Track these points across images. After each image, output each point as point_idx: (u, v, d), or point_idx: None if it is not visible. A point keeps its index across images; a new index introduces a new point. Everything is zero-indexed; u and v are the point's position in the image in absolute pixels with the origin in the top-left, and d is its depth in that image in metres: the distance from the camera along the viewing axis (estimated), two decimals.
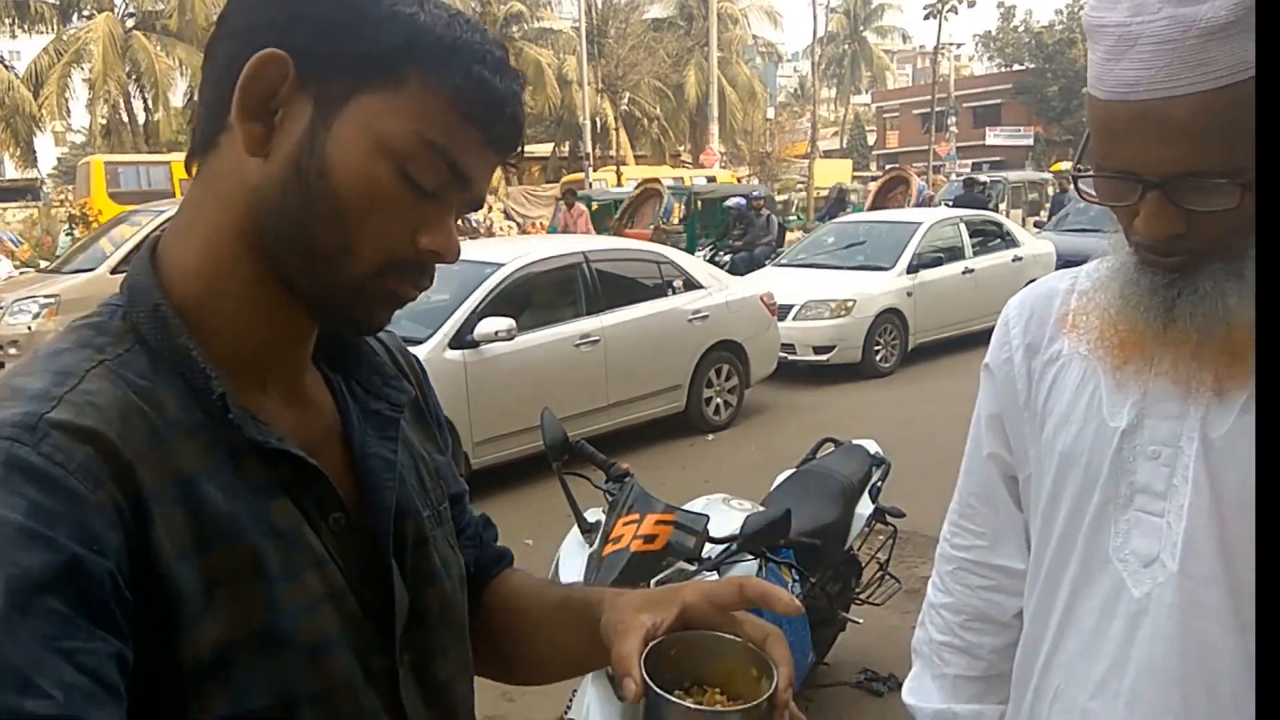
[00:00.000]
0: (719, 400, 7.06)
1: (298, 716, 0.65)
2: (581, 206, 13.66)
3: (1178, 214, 0.84)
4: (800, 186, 30.98)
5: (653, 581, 2.57)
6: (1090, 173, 0.89)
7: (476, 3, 32.93)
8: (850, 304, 8.54)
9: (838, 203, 17.29)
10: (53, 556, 0.54)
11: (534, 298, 6.09)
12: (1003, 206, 16.96)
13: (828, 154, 42.53)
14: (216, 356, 0.67)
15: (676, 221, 15.17)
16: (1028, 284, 1.21)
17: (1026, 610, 1.09)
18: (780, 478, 3.40)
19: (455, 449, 0.90)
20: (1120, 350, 0.95)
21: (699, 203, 14.83)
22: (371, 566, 0.72)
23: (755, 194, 14.32)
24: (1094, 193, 0.90)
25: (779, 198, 32.33)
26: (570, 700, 2.58)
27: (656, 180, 15.95)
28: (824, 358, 8.43)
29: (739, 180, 29.40)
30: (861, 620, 3.38)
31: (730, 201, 13.68)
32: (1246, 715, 0.88)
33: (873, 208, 15.83)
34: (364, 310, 0.70)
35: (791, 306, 8.48)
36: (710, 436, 6.86)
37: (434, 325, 5.47)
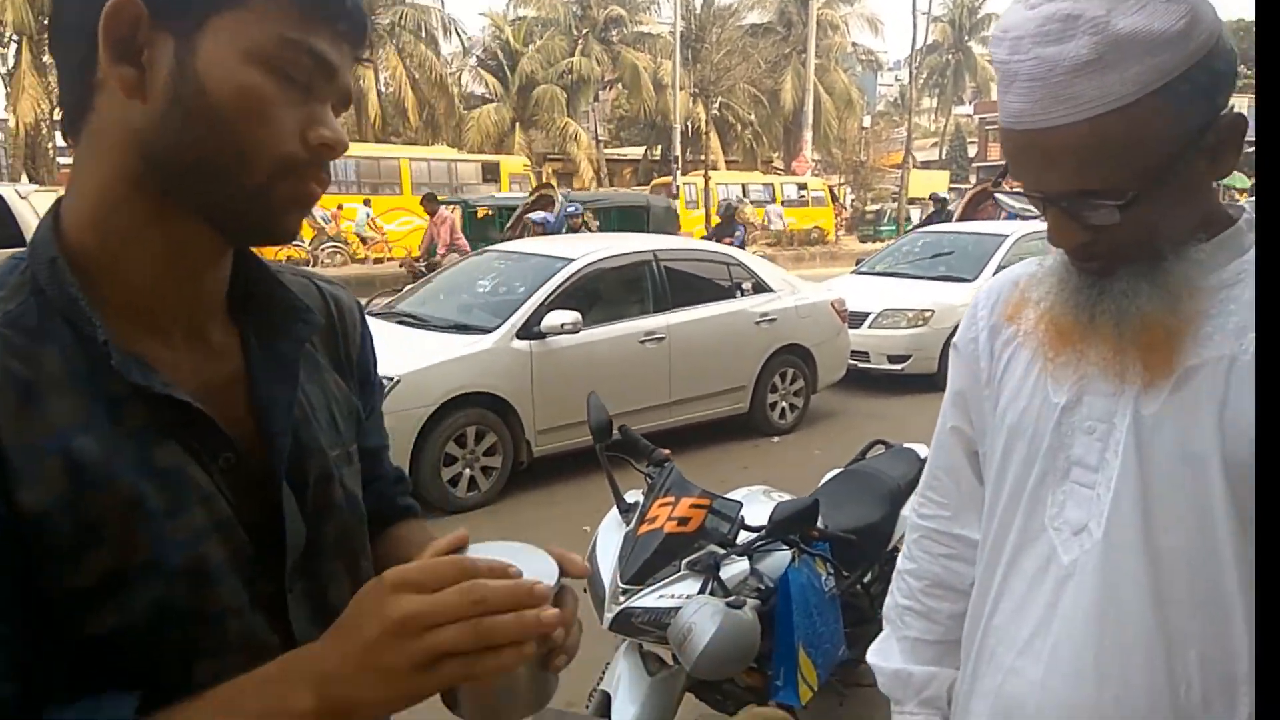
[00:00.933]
0: (784, 404, 6.98)
1: (186, 634, 0.69)
2: (445, 213, 12.73)
3: (1078, 226, 0.92)
4: (894, 197, 30.40)
5: (683, 563, 2.59)
6: (1008, 190, 0.95)
7: (577, 5, 33.39)
8: (928, 314, 8.34)
9: (937, 213, 16.94)
10: None
11: (602, 293, 6.13)
12: None
13: (926, 165, 41.61)
14: (111, 303, 0.71)
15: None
16: None
17: (976, 576, 1.15)
18: (827, 476, 3.39)
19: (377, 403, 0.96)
20: (1053, 342, 1.02)
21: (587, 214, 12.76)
22: (270, 500, 0.76)
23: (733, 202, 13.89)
24: (1013, 203, 0.96)
25: (871, 207, 31.81)
26: (603, 672, 2.63)
27: (550, 186, 15.31)
28: (898, 367, 8.26)
29: (831, 189, 29.04)
30: None
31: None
32: (1153, 681, 0.94)
33: (962, 218, 15.39)
34: (273, 217, 0.73)
35: (867, 314, 8.33)
36: (774, 439, 6.78)
37: (504, 316, 5.59)
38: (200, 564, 0.70)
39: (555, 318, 5.58)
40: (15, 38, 26.84)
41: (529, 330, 5.54)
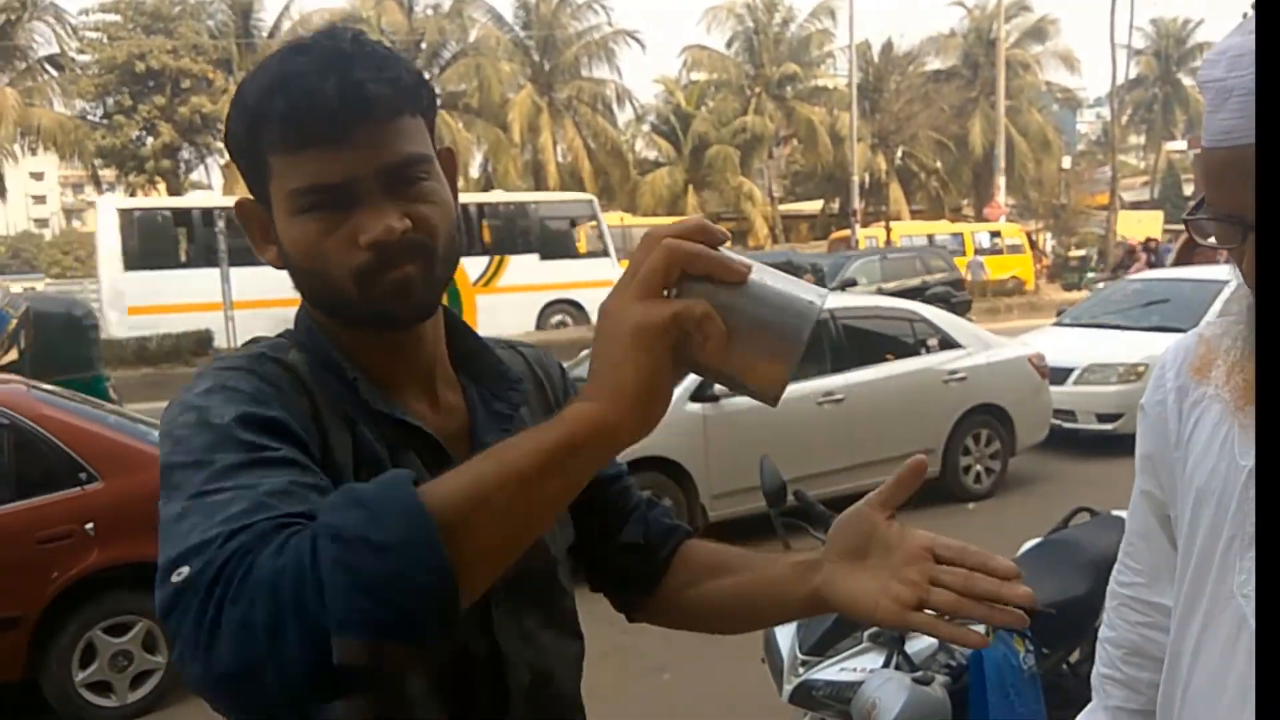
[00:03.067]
0: (979, 468, 6.62)
1: None
2: None
3: None
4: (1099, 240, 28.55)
5: (865, 634, 2.50)
6: (1201, 217, 0.94)
7: (750, 65, 33.91)
8: (1142, 368, 7.70)
9: (1128, 255, 15.91)
10: (270, 413, 0.76)
11: None
12: None
13: (1136, 205, 38.89)
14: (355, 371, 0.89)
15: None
16: None
17: (1169, 644, 1.12)
18: (1026, 546, 3.20)
19: None
20: (1244, 393, 0.98)
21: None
22: None
23: None
24: (1208, 236, 0.94)
25: (1075, 252, 29.87)
26: None
27: None
28: (1109, 427, 7.65)
29: (1028, 234, 27.64)
30: None
31: None
32: None
33: (1177, 263, 14.22)
34: (384, 308, 0.84)
35: (1071, 370, 7.81)
36: (970, 506, 6.43)
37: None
38: None
39: None
40: None
41: (702, 393, 5.55)
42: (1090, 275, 15.72)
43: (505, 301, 15.51)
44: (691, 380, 5.58)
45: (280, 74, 0.79)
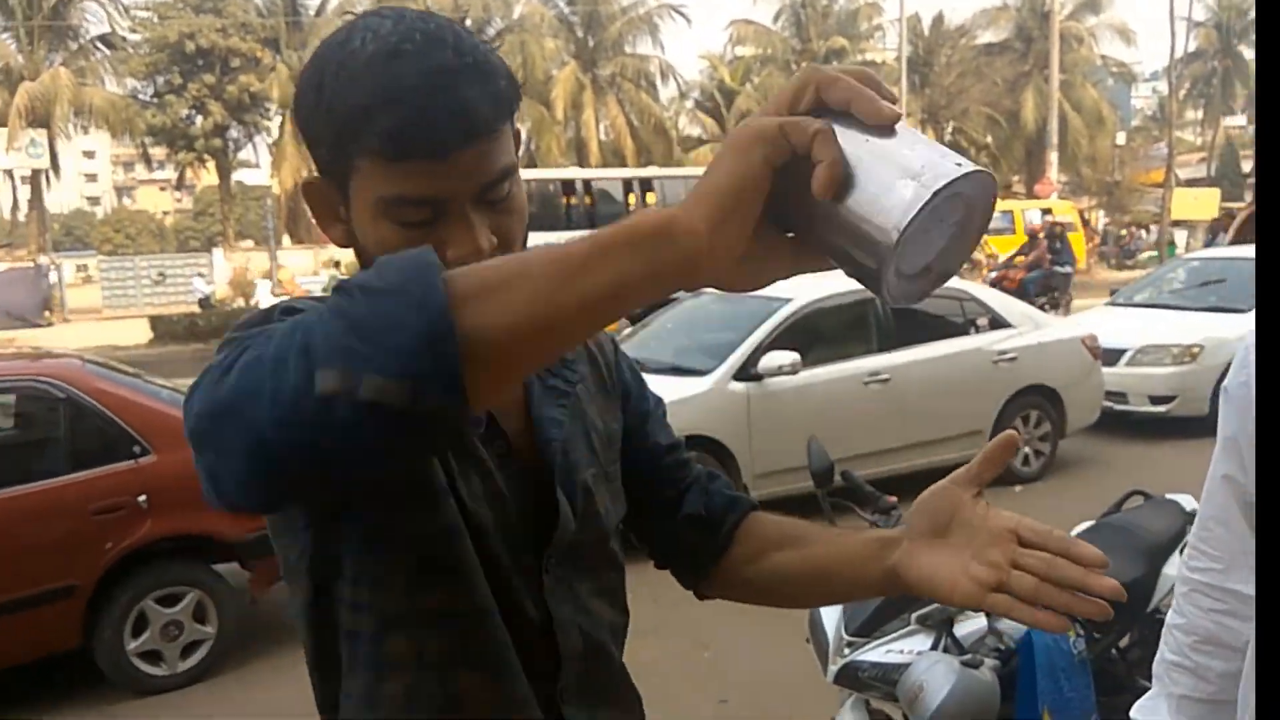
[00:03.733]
0: (1028, 450, 6.51)
1: (464, 560, 0.83)
2: None
3: None
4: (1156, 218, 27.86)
5: (912, 616, 2.47)
6: None
7: (796, 40, 33.45)
8: (1197, 349, 7.51)
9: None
10: None
11: (822, 333, 6.01)
12: None
13: (1192, 182, 37.83)
14: None
15: None
16: None
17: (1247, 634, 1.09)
18: (1077, 529, 3.13)
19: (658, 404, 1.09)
20: None
21: None
22: (542, 499, 0.90)
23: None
24: None
25: (1121, 231, 29.11)
26: None
27: None
28: (1162, 409, 7.48)
29: (1080, 212, 27.05)
30: None
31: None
32: None
33: (1234, 242, 13.78)
34: None
35: (1124, 351, 7.62)
36: (1017, 488, 6.32)
37: (720, 358, 5.59)
38: (477, 521, 0.84)
39: (773, 359, 5.51)
40: (280, 111, 30.59)
41: (746, 372, 5.51)
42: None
43: None
44: (736, 358, 5.54)
45: (384, 85, 0.75)
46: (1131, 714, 1.26)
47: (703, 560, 1.03)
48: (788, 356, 5.50)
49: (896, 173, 0.56)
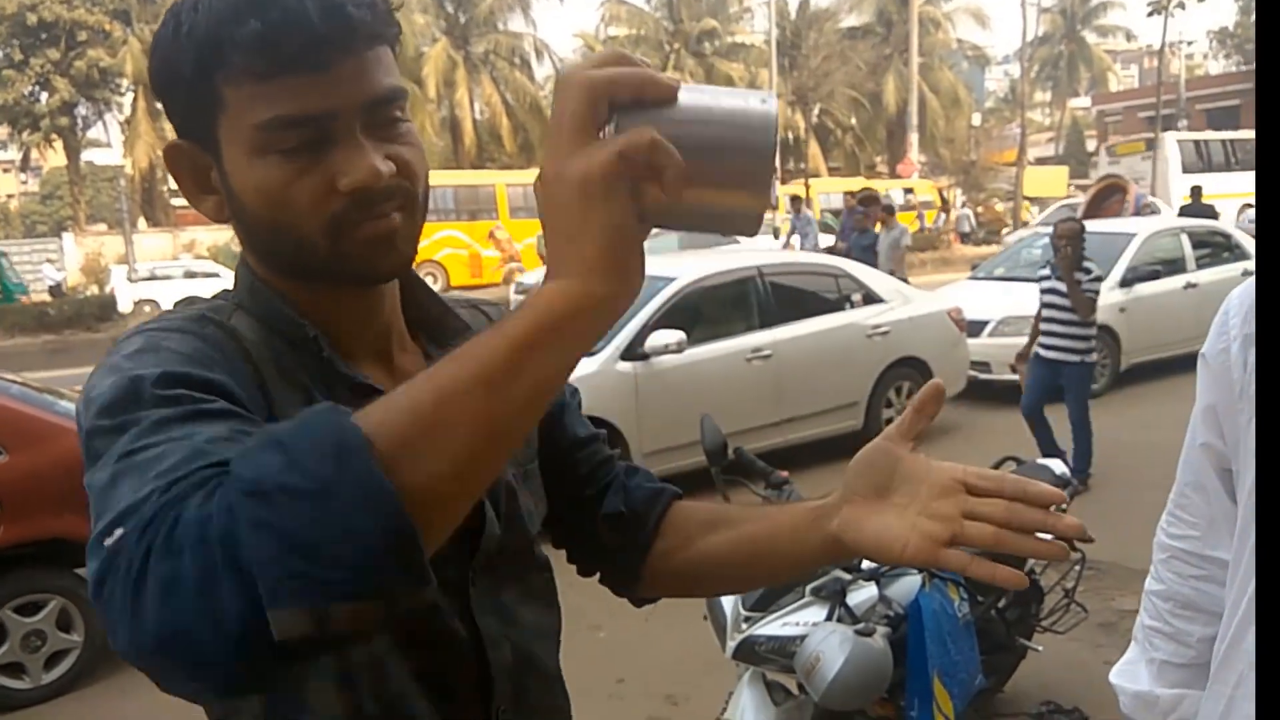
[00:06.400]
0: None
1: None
2: None
3: None
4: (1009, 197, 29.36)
5: (807, 589, 2.53)
6: None
7: (669, 21, 33.59)
8: None
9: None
10: (209, 375, 0.68)
11: (706, 311, 6.09)
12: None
13: (1041, 161, 40.04)
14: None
15: None
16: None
17: (1227, 599, 1.08)
18: None
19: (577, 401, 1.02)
20: None
21: None
22: None
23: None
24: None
25: (971, 209, 30.56)
26: (726, 701, 2.60)
27: None
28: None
29: (940, 191, 28.23)
30: (1041, 649, 3.20)
31: None
32: None
33: (1085, 217, 14.68)
34: (360, 262, 0.76)
35: (986, 322, 8.03)
36: None
37: (607, 338, 5.57)
38: None
39: (659, 338, 5.57)
40: (132, 87, 28.76)
41: (633, 352, 5.54)
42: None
43: None
44: (622, 338, 5.56)
45: None
46: (1111, 678, 1.26)
47: (630, 559, 0.97)
48: (673, 335, 5.56)
49: (726, 130, 0.57)
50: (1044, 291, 5.67)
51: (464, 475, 0.56)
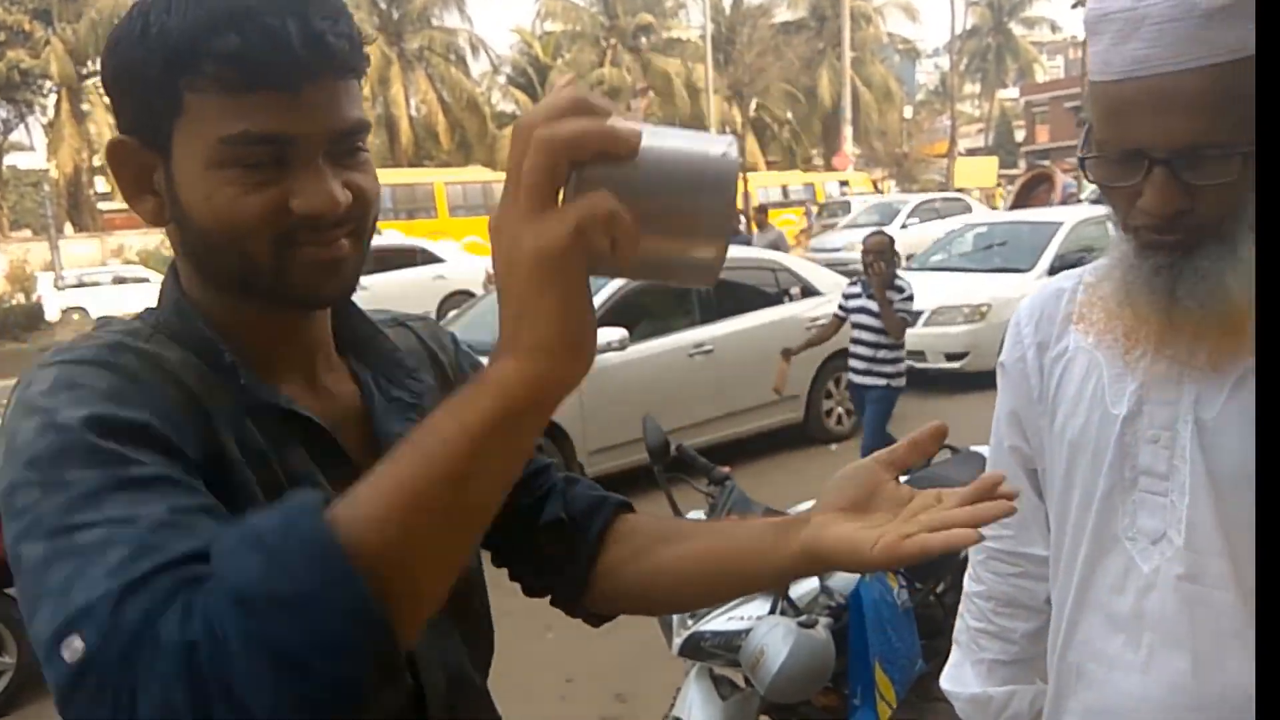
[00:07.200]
0: (840, 410, 6.89)
1: None
2: None
3: (1182, 189, 0.89)
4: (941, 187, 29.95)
5: None
6: (1097, 155, 0.94)
7: (605, 16, 33.55)
8: (985, 309, 8.18)
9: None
10: (130, 414, 0.65)
11: (648, 308, 6.11)
12: None
13: (972, 152, 40.94)
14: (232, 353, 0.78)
15: None
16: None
17: (1051, 594, 1.14)
18: None
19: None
20: (1127, 337, 1.00)
21: None
22: None
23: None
24: (1102, 176, 0.95)
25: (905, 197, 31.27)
26: (674, 698, 2.62)
27: None
28: (957, 365, 8.10)
29: (875, 183, 28.70)
30: None
31: None
32: (1251, 674, 0.94)
33: (1014, 207, 15.09)
34: (302, 286, 0.75)
35: (921, 312, 8.19)
36: (833, 447, 6.69)
37: None
38: None
39: (601, 335, 5.54)
40: (56, 88, 27.82)
41: None
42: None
43: None
44: None
45: (225, 5, 0.68)
46: (941, 684, 1.30)
47: (575, 571, 0.93)
48: (616, 333, 5.57)
49: (685, 169, 0.55)
50: (853, 311, 5.20)
51: (444, 562, 0.58)
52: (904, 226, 15.95)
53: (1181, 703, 0.99)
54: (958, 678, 1.28)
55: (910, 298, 5.12)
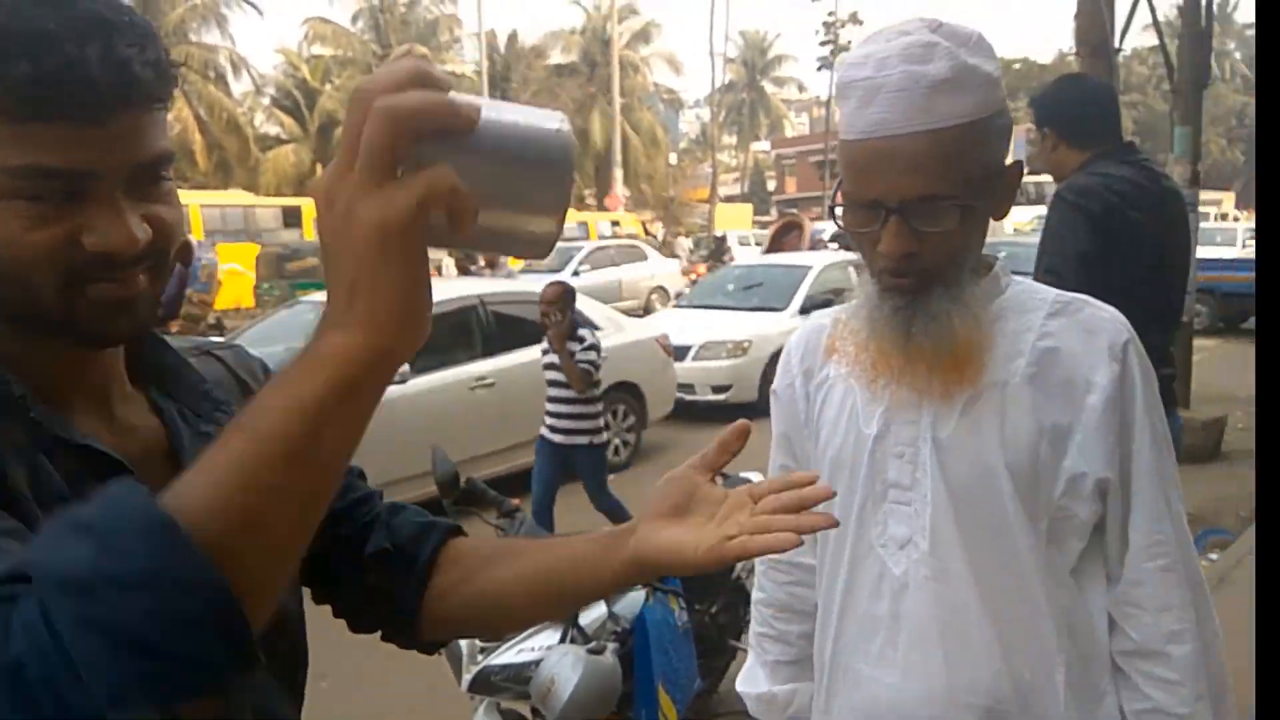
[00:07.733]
0: (617, 440, 7.05)
1: None
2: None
3: (912, 234, 1.04)
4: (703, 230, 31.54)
5: None
6: (843, 204, 1.08)
7: (376, 45, 32.78)
8: (747, 344, 8.70)
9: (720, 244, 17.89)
10: None
11: (429, 340, 5.97)
12: None
13: (729, 199, 43.42)
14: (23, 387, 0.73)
15: None
16: None
17: (818, 599, 1.26)
18: None
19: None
20: (872, 368, 1.14)
21: None
22: None
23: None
24: (848, 224, 1.09)
25: (684, 241, 32.84)
26: None
27: None
28: (722, 397, 8.55)
29: (644, 224, 29.74)
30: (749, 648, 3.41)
31: None
32: (995, 666, 1.10)
33: (768, 251, 16.20)
34: (93, 324, 0.71)
35: (690, 347, 8.59)
36: (610, 477, 6.82)
37: None
38: None
39: None
40: None
41: None
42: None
43: None
44: None
45: (22, 29, 0.64)
46: (738, 686, 1.40)
47: (405, 600, 0.90)
48: None
49: (523, 141, 0.56)
50: (545, 368, 5.00)
51: (283, 540, 0.55)
52: (576, 274, 14.99)
53: (938, 696, 1.11)
54: (750, 678, 1.38)
55: (592, 347, 4.80)
